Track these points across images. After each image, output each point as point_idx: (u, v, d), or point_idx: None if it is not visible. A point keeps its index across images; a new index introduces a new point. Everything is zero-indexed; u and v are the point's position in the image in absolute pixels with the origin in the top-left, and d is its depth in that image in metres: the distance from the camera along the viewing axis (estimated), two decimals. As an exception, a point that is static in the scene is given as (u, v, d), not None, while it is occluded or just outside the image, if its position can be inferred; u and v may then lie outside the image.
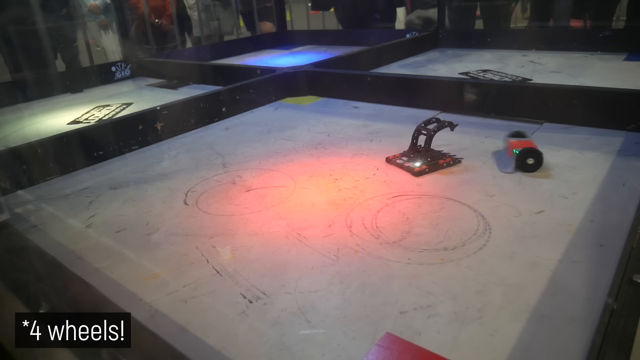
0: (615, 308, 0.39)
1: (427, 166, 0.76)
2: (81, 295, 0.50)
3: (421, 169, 0.75)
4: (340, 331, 0.43)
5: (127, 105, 1.44)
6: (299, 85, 1.36)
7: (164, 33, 2.74)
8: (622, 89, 0.94)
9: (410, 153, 0.81)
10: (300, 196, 0.71)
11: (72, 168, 0.91)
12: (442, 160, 0.77)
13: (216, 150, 0.95)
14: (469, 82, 1.15)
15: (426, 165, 0.76)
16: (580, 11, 2.24)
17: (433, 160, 0.77)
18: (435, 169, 0.76)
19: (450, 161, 0.78)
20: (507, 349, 0.39)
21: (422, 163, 0.76)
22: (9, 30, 2.06)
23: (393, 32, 2.38)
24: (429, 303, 0.45)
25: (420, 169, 0.76)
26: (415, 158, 0.78)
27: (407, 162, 0.78)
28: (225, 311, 0.47)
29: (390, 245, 0.56)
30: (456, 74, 1.49)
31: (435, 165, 0.76)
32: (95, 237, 0.65)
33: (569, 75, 1.36)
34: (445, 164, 0.77)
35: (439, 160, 0.77)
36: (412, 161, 0.78)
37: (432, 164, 0.76)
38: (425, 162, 0.76)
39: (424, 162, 0.77)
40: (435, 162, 0.77)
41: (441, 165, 0.77)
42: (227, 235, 0.61)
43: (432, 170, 0.76)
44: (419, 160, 0.77)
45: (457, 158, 0.79)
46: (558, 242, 0.54)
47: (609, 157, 0.76)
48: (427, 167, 0.76)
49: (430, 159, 0.77)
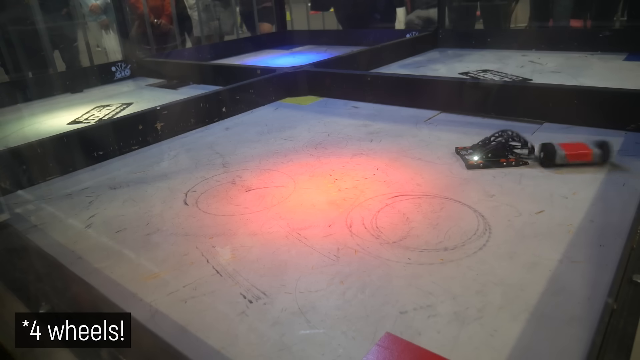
0: (615, 308, 0.39)
1: (482, 161, 0.75)
2: (81, 295, 0.50)
3: (476, 162, 0.74)
4: (340, 331, 0.43)
5: (127, 105, 1.44)
6: (299, 85, 1.36)
7: (164, 33, 2.74)
8: (622, 89, 0.94)
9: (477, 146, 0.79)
10: (300, 196, 0.71)
11: (72, 168, 0.91)
12: (504, 159, 0.75)
13: (216, 150, 0.95)
14: (469, 82, 1.15)
15: (482, 160, 0.75)
16: (580, 11, 2.24)
17: (493, 157, 0.75)
18: (492, 165, 0.74)
19: (513, 162, 0.75)
20: (507, 349, 0.39)
21: (480, 158, 0.75)
22: (9, 30, 2.06)
23: (393, 32, 2.38)
24: (429, 303, 0.45)
25: (474, 162, 0.74)
26: (476, 152, 0.77)
27: (469, 155, 0.77)
28: (225, 311, 0.47)
29: (390, 245, 0.56)
30: (456, 74, 1.49)
31: (495, 162, 0.74)
32: (95, 237, 0.65)
33: (569, 75, 1.36)
34: (506, 164, 0.74)
35: (501, 158, 0.75)
36: (471, 155, 0.77)
37: (492, 161, 0.74)
38: (483, 157, 0.75)
39: (482, 157, 0.75)
40: (496, 159, 0.75)
41: (501, 164, 0.74)
42: (227, 235, 0.61)
43: (488, 166, 0.74)
44: (477, 154, 0.76)
45: (525, 160, 0.76)
46: (558, 242, 0.54)
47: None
48: (483, 162, 0.75)
49: (492, 155, 0.75)
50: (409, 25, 2.62)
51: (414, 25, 2.56)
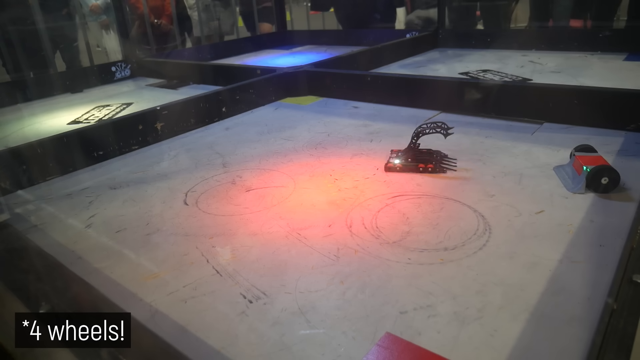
0: (615, 308, 0.39)
1: (401, 165, 0.76)
2: (81, 295, 0.50)
3: (393, 166, 0.76)
4: (340, 331, 0.43)
5: (127, 105, 1.44)
6: (299, 85, 1.36)
7: (165, 33, 2.74)
8: (622, 89, 0.94)
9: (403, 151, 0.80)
10: (300, 196, 0.71)
11: (72, 168, 0.91)
12: (423, 164, 0.76)
13: (216, 150, 0.95)
14: (469, 82, 1.15)
15: (402, 164, 0.76)
16: (580, 11, 2.24)
17: (412, 162, 0.76)
18: (407, 170, 0.76)
19: (431, 168, 0.75)
20: (507, 349, 0.39)
21: (400, 162, 0.77)
22: (9, 30, 2.06)
23: (393, 32, 2.38)
24: (429, 303, 0.45)
25: (392, 165, 0.76)
26: (400, 156, 0.78)
27: (394, 159, 0.78)
28: (225, 311, 0.47)
29: (390, 245, 0.56)
30: (456, 74, 1.49)
31: (413, 167, 0.76)
32: (95, 237, 0.65)
33: (569, 75, 1.36)
34: (422, 169, 0.75)
35: (419, 164, 0.76)
36: (394, 158, 0.78)
37: (409, 165, 0.76)
38: (403, 162, 0.76)
39: (402, 161, 0.77)
40: (414, 164, 0.76)
41: (417, 169, 0.75)
42: (227, 235, 0.61)
43: (402, 170, 0.76)
44: (399, 159, 0.77)
45: (444, 167, 0.76)
46: (558, 242, 0.54)
47: (609, 157, 0.76)
48: (401, 166, 0.76)
49: (411, 160, 0.77)
50: (409, 25, 2.62)
51: (414, 25, 2.57)
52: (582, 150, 0.72)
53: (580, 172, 0.66)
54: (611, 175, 0.64)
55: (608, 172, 0.64)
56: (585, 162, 0.66)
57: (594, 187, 0.64)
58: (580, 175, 0.66)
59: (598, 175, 0.64)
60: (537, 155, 0.79)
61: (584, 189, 0.64)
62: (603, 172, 0.64)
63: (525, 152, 0.81)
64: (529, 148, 0.83)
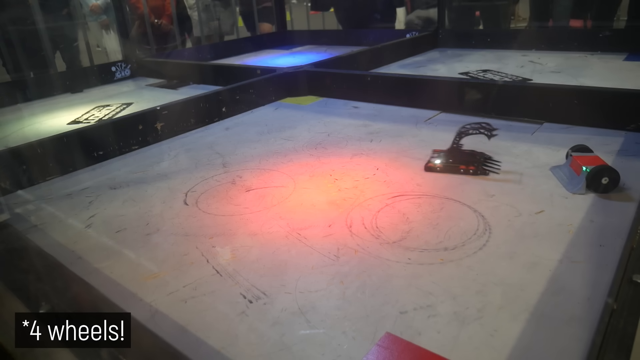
0: (615, 308, 0.39)
1: (442, 166, 0.75)
2: (81, 295, 0.50)
3: (434, 166, 0.75)
4: (340, 331, 0.43)
5: (127, 105, 1.44)
6: (299, 85, 1.36)
7: (165, 33, 2.74)
8: (622, 89, 0.94)
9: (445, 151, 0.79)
10: (300, 196, 0.71)
11: (72, 168, 0.91)
12: (464, 166, 0.74)
13: (216, 150, 0.95)
14: (469, 82, 1.15)
15: (442, 165, 0.75)
16: (580, 11, 2.24)
17: (454, 163, 0.75)
18: (448, 171, 0.74)
19: (472, 170, 0.73)
20: (507, 349, 0.39)
21: (441, 162, 0.75)
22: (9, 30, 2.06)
23: (393, 32, 2.38)
24: (429, 303, 0.45)
25: (431, 165, 0.75)
26: (441, 156, 0.77)
27: (435, 158, 0.77)
28: (225, 311, 0.47)
29: (390, 245, 0.56)
30: (456, 74, 1.49)
31: (451, 167, 0.74)
32: (95, 237, 0.65)
33: (569, 75, 1.36)
34: (462, 171, 0.74)
35: (461, 165, 0.75)
36: (435, 158, 0.77)
37: (450, 166, 0.74)
38: (444, 163, 0.75)
39: (443, 162, 0.75)
40: (456, 165, 0.75)
41: (458, 170, 0.74)
42: (227, 235, 0.61)
43: (445, 171, 0.74)
44: (440, 159, 0.76)
45: (487, 169, 0.74)
46: (558, 242, 0.54)
47: (609, 157, 0.76)
48: (442, 167, 0.74)
49: (453, 161, 0.75)
50: (409, 25, 2.62)
51: (414, 25, 2.56)
52: (578, 150, 0.72)
53: (579, 173, 0.66)
54: (611, 175, 0.64)
55: (608, 172, 0.64)
56: (584, 162, 0.66)
57: (594, 187, 0.64)
58: (580, 175, 0.66)
59: (598, 175, 0.64)
60: (537, 155, 0.79)
61: (584, 189, 0.64)
62: (603, 172, 0.64)
63: (525, 152, 0.81)
64: (529, 148, 0.83)
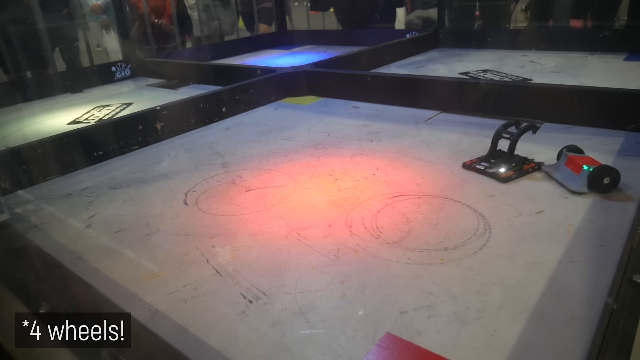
0: (615, 308, 0.39)
1: (514, 172, 0.72)
2: (81, 295, 0.50)
3: (508, 174, 0.72)
4: (340, 331, 0.43)
5: (127, 105, 1.44)
6: (299, 85, 1.36)
7: (165, 33, 2.74)
8: (622, 89, 0.94)
9: (490, 158, 0.77)
10: (300, 196, 0.71)
11: (72, 168, 0.91)
12: (526, 165, 0.73)
13: (216, 150, 0.95)
14: (469, 82, 1.15)
15: (513, 171, 0.72)
16: (580, 11, 2.24)
17: (517, 166, 0.73)
18: (521, 174, 0.72)
19: (534, 166, 0.73)
20: (507, 349, 0.39)
21: (508, 169, 0.73)
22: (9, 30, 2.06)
23: (393, 32, 2.38)
24: (429, 303, 0.45)
25: (507, 174, 0.72)
26: (498, 163, 0.75)
27: (490, 168, 0.74)
28: (225, 311, 0.47)
29: (390, 245, 0.56)
30: (456, 74, 1.49)
31: (521, 170, 0.73)
32: (95, 237, 0.65)
33: (569, 75, 1.36)
34: (531, 169, 0.73)
35: (523, 165, 0.73)
36: (495, 167, 0.74)
37: (518, 170, 0.73)
38: (511, 168, 0.73)
39: (510, 167, 0.73)
40: (519, 167, 0.73)
41: (526, 171, 0.73)
42: (227, 235, 0.61)
43: (519, 175, 0.72)
44: (503, 166, 0.74)
45: (539, 163, 0.74)
46: (558, 242, 0.54)
47: (609, 157, 0.76)
48: (514, 172, 0.72)
49: (515, 164, 0.74)
50: (409, 25, 2.62)
51: (414, 25, 2.56)
52: (571, 150, 0.72)
53: (578, 172, 0.66)
54: (613, 175, 0.64)
55: (610, 172, 0.64)
56: (584, 162, 0.66)
57: (595, 187, 0.64)
58: (579, 175, 0.66)
59: (601, 175, 0.64)
60: (537, 155, 0.79)
61: (585, 187, 0.64)
62: (605, 172, 0.64)
63: (526, 152, 0.81)
64: (529, 148, 0.82)
